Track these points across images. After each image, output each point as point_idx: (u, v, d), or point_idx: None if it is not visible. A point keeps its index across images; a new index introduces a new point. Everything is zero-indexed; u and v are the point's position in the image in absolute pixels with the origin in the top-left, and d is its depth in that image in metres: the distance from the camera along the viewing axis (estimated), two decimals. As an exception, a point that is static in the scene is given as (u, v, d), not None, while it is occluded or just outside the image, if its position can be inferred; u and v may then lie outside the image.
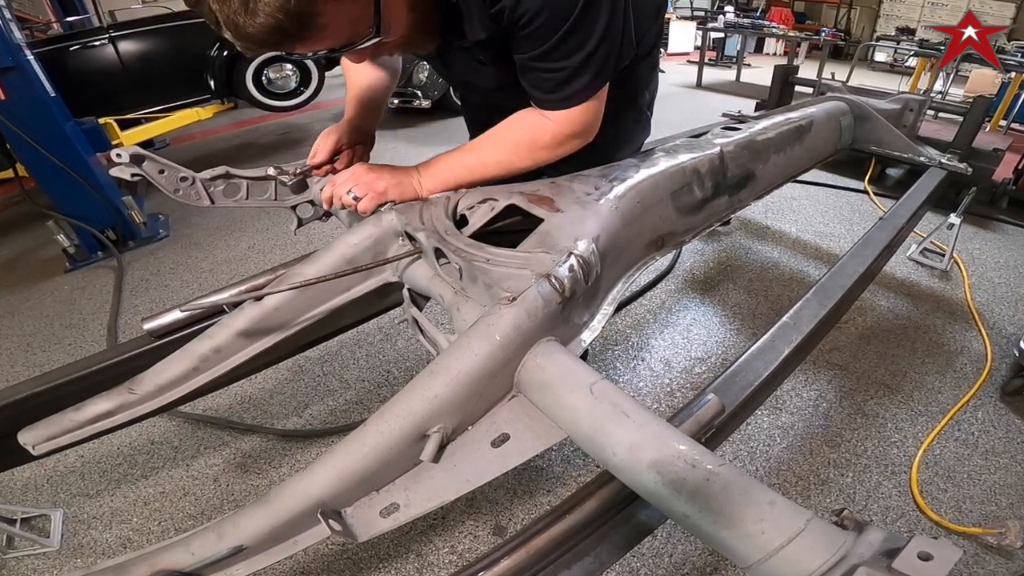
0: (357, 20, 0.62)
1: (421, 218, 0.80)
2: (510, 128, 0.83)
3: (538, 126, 0.81)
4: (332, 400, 1.74)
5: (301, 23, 0.56)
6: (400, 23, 0.68)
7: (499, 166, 0.83)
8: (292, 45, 0.60)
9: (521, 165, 0.83)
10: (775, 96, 2.61)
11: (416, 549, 1.28)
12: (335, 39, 0.63)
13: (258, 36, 0.56)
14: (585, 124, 0.80)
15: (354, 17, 0.62)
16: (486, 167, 0.84)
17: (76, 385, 0.88)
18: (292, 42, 0.60)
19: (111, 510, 1.41)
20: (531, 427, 0.62)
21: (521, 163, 0.83)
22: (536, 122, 0.81)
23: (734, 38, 7.92)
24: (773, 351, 0.84)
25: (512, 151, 0.83)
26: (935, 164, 1.77)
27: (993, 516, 1.32)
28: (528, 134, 0.82)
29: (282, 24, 0.55)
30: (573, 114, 0.78)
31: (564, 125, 0.79)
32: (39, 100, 2.36)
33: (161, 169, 0.86)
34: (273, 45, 0.59)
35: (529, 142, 0.82)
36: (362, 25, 0.63)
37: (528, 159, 0.83)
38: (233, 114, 4.84)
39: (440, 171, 0.84)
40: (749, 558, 0.46)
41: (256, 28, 0.55)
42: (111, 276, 2.56)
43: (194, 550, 0.58)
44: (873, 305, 2.13)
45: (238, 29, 0.55)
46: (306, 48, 0.63)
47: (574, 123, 0.79)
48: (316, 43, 0.62)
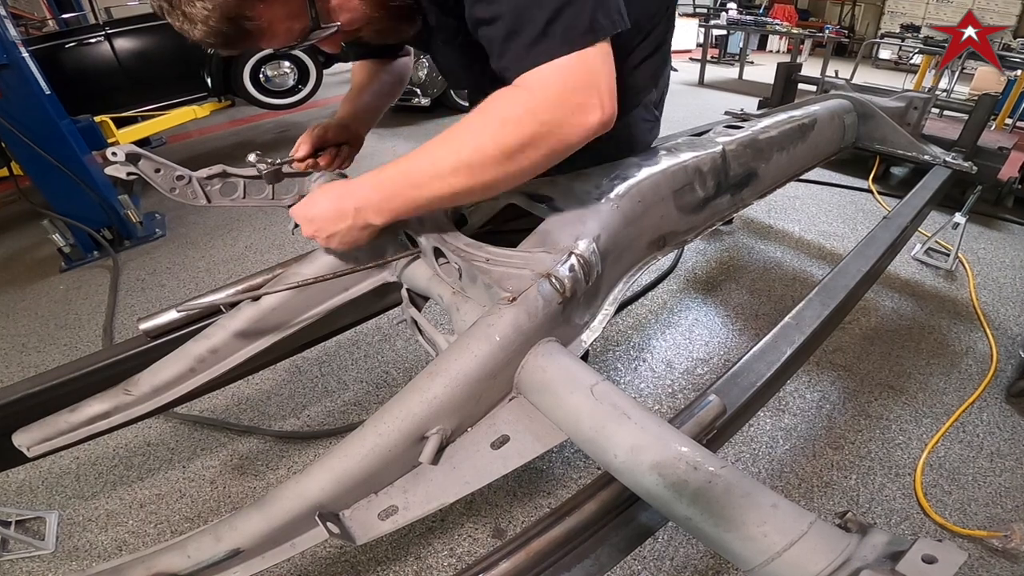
0: (295, 15, 0.61)
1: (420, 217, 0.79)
2: (471, 115, 0.60)
3: (510, 99, 0.58)
4: (330, 401, 1.73)
5: (237, 26, 0.58)
6: (351, 11, 0.66)
7: (461, 172, 0.59)
8: (244, 45, 0.62)
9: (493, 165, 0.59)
10: (778, 94, 2.59)
11: (415, 552, 1.27)
12: (284, 35, 0.63)
13: (205, 41, 0.59)
14: (579, 87, 0.56)
15: (290, 12, 0.61)
16: (440, 178, 0.61)
17: (71, 386, 0.87)
18: (241, 43, 0.61)
19: (107, 512, 1.41)
20: (531, 429, 0.62)
21: (492, 160, 0.58)
22: (506, 96, 0.58)
23: (737, 35, 7.91)
24: (776, 352, 0.82)
25: (475, 148, 0.58)
26: (940, 163, 1.76)
27: (998, 519, 1.31)
28: (493, 113, 0.58)
29: (219, 29, 0.57)
30: (554, 72, 0.55)
31: (544, 90, 0.56)
32: (34, 98, 2.35)
33: (157, 168, 0.85)
34: (225, 46, 0.61)
35: (498, 123, 0.57)
36: (304, 18, 0.62)
37: (499, 154, 0.58)
38: (230, 112, 4.85)
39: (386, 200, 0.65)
40: (752, 561, 0.46)
41: (199, 34, 0.58)
42: (107, 276, 2.56)
43: (190, 553, 0.58)
44: (877, 305, 2.12)
45: (188, 35, 0.59)
46: (262, 45, 0.64)
47: (562, 85, 0.55)
48: (265, 41, 0.63)
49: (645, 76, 0.88)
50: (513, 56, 0.57)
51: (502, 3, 0.55)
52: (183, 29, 0.58)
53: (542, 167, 0.61)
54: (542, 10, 0.53)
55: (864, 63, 6.34)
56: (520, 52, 0.56)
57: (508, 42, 0.56)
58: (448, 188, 0.61)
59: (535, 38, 0.54)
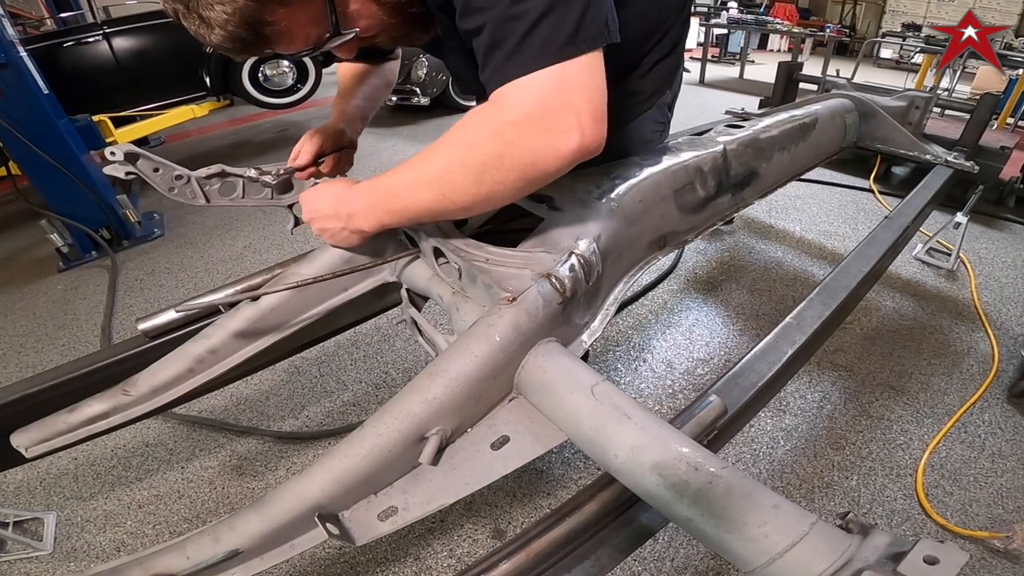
0: (315, 20, 0.61)
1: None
2: (449, 131, 0.58)
3: (480, 117, 0.55)
4: (329, 402, 1.73)
5: (256, 31, 0.57)
6: (370, 17, 0.65)
7: (434, 189, 0.59)
8: (261, 50, 0.61)
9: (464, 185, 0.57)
10: (779, 93, 2.59)
11: (414, 553, 1.27)
12: (302, 40, 0.62)
13: (222, 45, 0.58)
14: (552, 107, 0.51)
15: (310, 18, 0.60)
16: (416, 192, 0.61)
17: (69, 386, 0.86)
18: (258, 47, 0.60)
19: (105, 513, 1.40)
20: (531, 429, 0.62)
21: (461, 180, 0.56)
22: (478, 113, 0.56)
23: (737, 34, 7.91)
24: (776, 352, 0.82)
25: (445, 168, 0.57)
26: (941, 162, 1.75)
27: (1000, 519, 1.31)
28: (462, 134, 0.56)
29: (237, 34, 0.56)
30: (525, 89, 0.51)
31: (512, 109, 0.52)
32: (32, 97, 2.34)
33: (156, 167, 0.85)
34: (242, 51, 0.59)
35: (464, 144, 0.56)
36: (323, 24, 0.61)
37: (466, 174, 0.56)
38: (229, 111, 4.84)
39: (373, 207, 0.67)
40: (752, 562, 0.46)
41: (217, 39, 0.57)
42: (105, 276, 2.55)
43: (189, 554, 0.58)
44: (878, 305, 2.12)
45: (204, 40, 0.57)
46: (279, 50, 0.62)
47: (531, 103, 0.51)
48: (283, 46, 0.62)
49: (660, 77, 0.87)
50: (492, 69, 0.54)
51: (486, 13, 0.52)
52: (199, 33, 0.57)
53: (519, 192, 0.57)
54: (522, 20, 0.50)
55: (865, 62, 6.34)
56: (499, 64, 0.53)
57: (489, 55, 0.53)
58: (424, 203, 0.61)
59: (512, 49, 0.51)
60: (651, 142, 0.94)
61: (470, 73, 0.84)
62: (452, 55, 0.81)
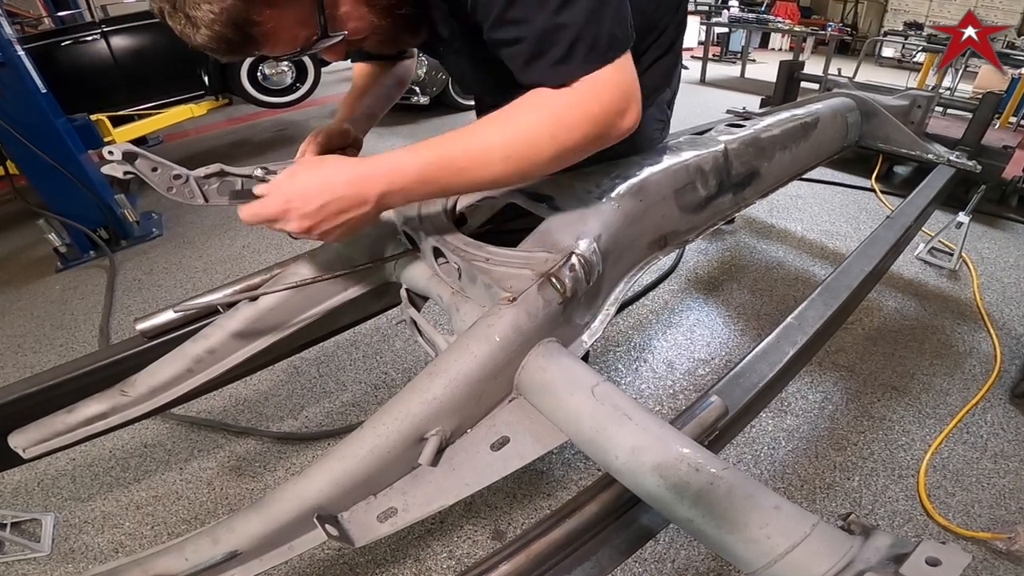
0: (303, 21, 0.60)
1: (419, 216, 0.79)
2: (519, 108, 0.62)
3: (563, 102, 0.61)
4: (328, 402, 1.73)
5: (242, 32, 0.56)
6: (359, 19, 0.65)
7: (511, 162, 0.62)
8: (247, 51, 0.60)
9: (541, 158, 0.62)
10: (780, 92, 2.59)
11: (414, 554, 1.26)
12: (289, 42, 0.61)
13: (207, 46, 0.57)
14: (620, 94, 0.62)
15: (298, 19, 0.59)
16: (488, 165, 0.62)
17: (67, 387, 0.86)
18: (244, 49, 0.59)
19: (103, 514, 1.40)
20: (531, 430, 0.61)
21: (544, 155, 0.62)
22: (554, 99, 0.61)
23: (738, 33, 7.89)
24: (778, 352, 0.82)
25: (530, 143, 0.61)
26: (943, 161, 1.75)
27: (1002, 521, 1.30)
28: (548, 113, 0.61)
29: (224, 34, 0.56)
30: (600, 82, 0.60)
31: (598, 96, 0.61)
32: (30, 96, 2.34)
33: (154, 167, 0.84)
34: (227, 53, 0.59)
35: (552, 122, 0.61)
36: (312, 26, 0.61)
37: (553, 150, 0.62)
38: (227, 111, 4.82)
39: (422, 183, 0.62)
40: (754, 563, 0.46)
41: (202, 39, 0.56)
42: (103, 276, 2.54)
43: (188, 555, 0.58)
44: (880, 305, 2.11)
45: (190, 40, 0.57)
46: (265, 51, 0.62)
47: (611, 93, 0.61)
48: (270, 47, 0.61)
49: (658, 75, 0.88)
50: (545, 74, 0.60)
51: (523, 27, 0.58)
52: (184, 33, 0.56)
53: (574, 162, 0.66)
54: (567, 31, 0.57)
55: (867, 61, 6.33)
56: (548, 69, 0.60)
57: (534, 62, 0.60)
58: (490, 175, 0.63)
59: (562, 56, 0.58)
60: (652, 139, 0.95)
61: (474, 74, 0.85)
62: (455, 57, 0.81)
